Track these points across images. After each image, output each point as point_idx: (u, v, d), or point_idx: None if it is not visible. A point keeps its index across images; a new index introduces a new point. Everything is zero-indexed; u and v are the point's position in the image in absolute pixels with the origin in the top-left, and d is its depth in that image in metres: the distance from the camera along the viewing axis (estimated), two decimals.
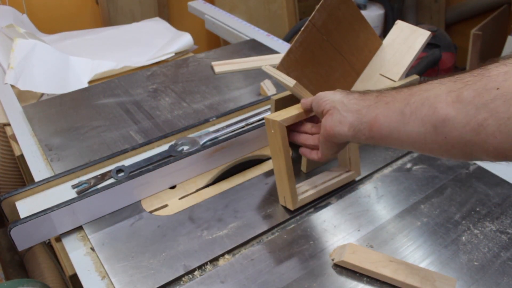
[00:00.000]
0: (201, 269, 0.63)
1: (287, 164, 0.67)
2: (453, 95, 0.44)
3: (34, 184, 0.74)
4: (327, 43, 0.75)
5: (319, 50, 0.74)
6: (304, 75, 0.73)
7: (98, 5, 1.94)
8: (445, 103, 0.44)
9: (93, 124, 0.95)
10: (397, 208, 0.73)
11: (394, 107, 0.50)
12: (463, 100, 0.42)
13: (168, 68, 1.19)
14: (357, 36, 0.78)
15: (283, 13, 2.17)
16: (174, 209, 0.73)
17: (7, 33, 1.27)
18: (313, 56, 0.74)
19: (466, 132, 0.43)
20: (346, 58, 0.78)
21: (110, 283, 0.61)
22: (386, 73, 0.79)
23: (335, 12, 0.74)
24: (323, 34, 0.74)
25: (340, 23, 0.76)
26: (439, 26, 2.32)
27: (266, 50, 1.28)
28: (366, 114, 0.54)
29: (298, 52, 0.72)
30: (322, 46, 0.74)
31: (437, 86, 0.46)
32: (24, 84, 1.09)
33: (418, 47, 0.78)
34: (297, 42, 0.72)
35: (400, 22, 0.82)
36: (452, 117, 0.43)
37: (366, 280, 0.61)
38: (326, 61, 0.76)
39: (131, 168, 0.79)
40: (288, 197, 0.70)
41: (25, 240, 0.67)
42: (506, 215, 0.72)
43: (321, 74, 0.75)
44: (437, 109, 0.45)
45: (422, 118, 0.46)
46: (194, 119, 0.96)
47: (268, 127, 0.66)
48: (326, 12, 0.73)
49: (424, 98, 0.47)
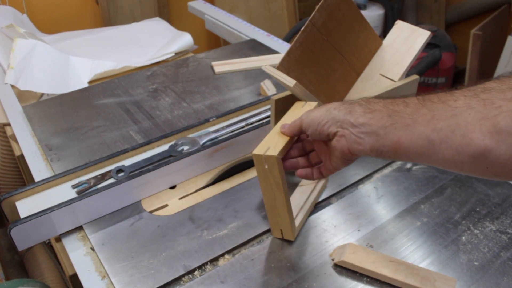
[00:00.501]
0: (201, 269, 0.63)
1: (287, 198, 0.62)
2: (488, 124, 0.39)
3: (34, 184, 0.74)
4: (327, 43, 0.75)
5: (319, 50, 0.74)
6: (304, 75, 0.73)
7: (98, 5, 1.94)
8: (481, 133, 0.40)
9: (93, 124, 0.95)
10: (397, 208, 0.73)
11: (417, 131, 0.45)
12: (502, 131, 0.39)
13: (168, 68, 1.19)
14: (357, 36, 0.78)
15: (283, 13, 2.18)
16: (174, 209, 0.73)
17: (7, 33, 1.27)
18: (313, 56, 0.73)
19: (508, 162, 0.39)
20: (346, 58, 0.77)
21: (110, 283, 0.61)
22: (386, 73, 0.79)
23: (335, 12, 0.74)
24: (323, 34, 0.74)
25: (340, 23, 0.75)
26: (439, 26, 2.32)
27: (266, 50, 1.28)
28: (386, 136, 0.49)
29: (298, 52, 0.72)
30: (322, 46, 0.74)
31: (464, 110, 0.42)
32: (24, 84, 1.09)
33: (418, 47, 0.78)
34: (297, 42, 0.71)
35: (400, 22, 0.82)
36: (493, 149, 0.40)
37: (366, 280, 0.61)
38: (326, 61, 0.76)
39: (131, 168, 0.79)
40: (288, 230, 0.66)
41: (25, 240, 0.67)
42: (506, 215, 0.72)
43: (321, 74, 0.75)
44: (473, 140, 0.40)
45: (456, 148, 0.42)
46: (194, 119, 0.96)
47: (259, 163, 0.59)
48: (326, 12, 0.73)
49: (453, 124, 0.42)
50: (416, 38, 0.79)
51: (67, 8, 1.90)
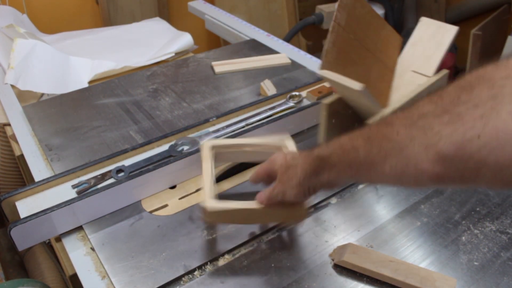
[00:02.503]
0: (201, 269, 0.63)
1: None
2: (432, 152, 0.40)
3: (34, 184, 0.74)
4: (356, 42, 0.73)
5: (351, 49, 0.73)
6: (346, 76, 0.70)
7: (98, 5, 1.94)
8: (429, 162, 0.41)
9: (93, 124, 0.95)
10: (397, 208, 0.73)
11: (378, 172, 0.46)
12: (446, 157, 0.39)
13: (168, 68, 1.19)
14: (379, 34, 0.77)
15: (283, 13, 2.17)
16: (174, 209, 0.73)
17: (7, 33, 1.27)
18: (348, 56, 0.72)
19: (464, 181, 0.40)
20: (376, 56, 0.76)
21: (110, 283, 0.61)
22: (419, 69, 0.78)
23: (352, 11, 0.73)
24: (349, 33, 0.72)
25: (360, 22, 0.74)
26: None
27: (266, 50, 1.28)
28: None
29: (334, 53, 0.70)
30: (353, 45, 0.73)
31: (408, 142, 0.42)
32: (24, 84, 1.09)
33: (447, 42, 0.78)
34: (330, 42, 0.69)
35: (424, 19, 0.82)
36: (445, 175, 0.40)
37: (366, 280, 0.61)
38: (361, 59, 0.74)
39: (131, 168, 0.79)
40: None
41: (25, 240, 0.67)
42: (506, 215, 0.72)
43: (360, 74, 0.73)
44: (425, 170, 0.41)
45: (416, 178, 0.43)
46: (194, 119, 0.96)
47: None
48: (345, 12, 0.72)
49: (404, 159, 0.43)
50: (443, 34, 0.79)
51: (67, 8, 1.89)
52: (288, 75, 1.13)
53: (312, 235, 0.68)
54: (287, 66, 1.18)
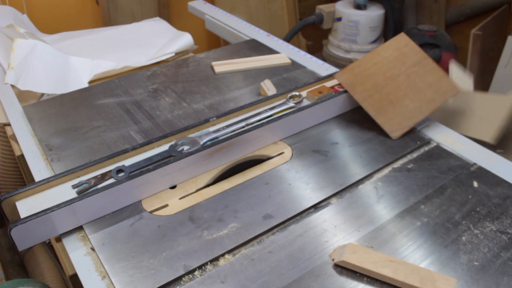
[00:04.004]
0: (201, 269, 0.63)
1: None
2: None
3: (34, 184, 0.74)
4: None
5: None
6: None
7: (98, 5, 1.94)
8: None
9: (93, 124, 0.95)
10: (397, 208, 0.73)
11: None
12: None
13: (168, 68, 1.19)
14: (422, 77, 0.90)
15: (283, 13, 2.17)
16: (174, 209, 0.73)
17: (7, 33, 1.27)
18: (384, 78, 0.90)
19: None
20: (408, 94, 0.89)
21: (110, 283, 0.61)
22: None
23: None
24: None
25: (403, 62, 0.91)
26: (439, 26, 2.32)
27: (266, 50, 1.28)
28: None
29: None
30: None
31: None
32: (24, 84, 1.09)
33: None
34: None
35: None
36: None
37: (366, 280, 0.61)
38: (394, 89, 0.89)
39: (131, 168, 0.79)
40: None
41: (25, 240, 0.67)
42: (506, 215, 0.72)
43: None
44: None
45: None
46: (194, 119, 0.96)
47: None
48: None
49: None
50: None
51: (67, 8, 1.90)
52: (288, 75, 1.13)
53: (312, 235, 0.68)
54: (287, 66, 1.18)
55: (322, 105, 0.92)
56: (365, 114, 0.92)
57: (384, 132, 0.89)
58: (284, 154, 0.86)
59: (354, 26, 1.97)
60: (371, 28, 1.98)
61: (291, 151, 0.86)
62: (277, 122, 0.86)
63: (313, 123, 0.93)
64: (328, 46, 2.14)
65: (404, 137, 0.89)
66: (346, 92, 0.94)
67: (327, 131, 0.92)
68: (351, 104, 0.98)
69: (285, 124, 0.88)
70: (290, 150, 0.87)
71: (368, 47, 2.02)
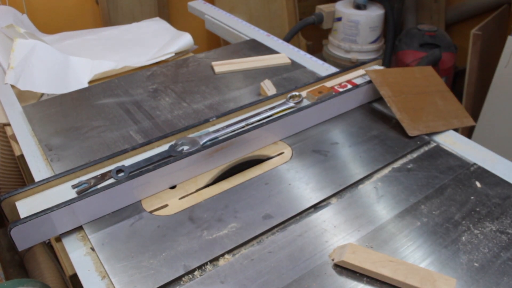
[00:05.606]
0: (201, 269, 0.63)
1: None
2: None
3: (34, 184, 0.74)
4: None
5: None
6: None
7: (98, 5, 1.94)
8: None
9: (93, 124, 0.95)
10: (397, 208, 0.73)
11: None
12: None
13: (168, 68, 1.19)
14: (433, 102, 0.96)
15: (283, 13, 2.17)
16: (174, 209, 0.73)
17: (7, 33, 1.27)
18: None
19: None
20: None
21: (110, 283, 0.61)
22: None
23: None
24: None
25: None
26: (439, 26, 2.32)
27: (266, 50, 1.28)
28: None
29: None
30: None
31: None
32: (24, 84, 1.09)
33: None
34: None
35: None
36: None
37: (366, 280, 0.61)
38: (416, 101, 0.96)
39: (131, 168, 0.79)
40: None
41: (25, 240, 0.67)
42: (506, 215, 0.72)
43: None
44: None
45: None
46: (194, 119, 0.96)
47: None
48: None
49: None
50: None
51: (67, 8, 1.90)
52: (288, 75, 1.13)
53: (312, 235, 0.68)
54: (287, 66, 1.18)
55: (322, 105, 0.92)
56: (365, 114, 0.92)
57: (384, 132, 0.89)
58: (284, 154, 0.86)
59: (354, 26, 1.97)
60: (371, 28, 1.98)
61: (291, 151, 0.86)
62: (277, 122, 0.86)
63: (313, 123, 0.93)
64: (328, 46, 2.15)
65: (404, 137, 0.89)
66: (348, 91, 0.94)
67: (327, 131, 0.92)
68: (351, 104, 0.98)
69: (285, 124, 0.88)
70: (290, 150, 0.87)
71: (368, 47, 2.02)
